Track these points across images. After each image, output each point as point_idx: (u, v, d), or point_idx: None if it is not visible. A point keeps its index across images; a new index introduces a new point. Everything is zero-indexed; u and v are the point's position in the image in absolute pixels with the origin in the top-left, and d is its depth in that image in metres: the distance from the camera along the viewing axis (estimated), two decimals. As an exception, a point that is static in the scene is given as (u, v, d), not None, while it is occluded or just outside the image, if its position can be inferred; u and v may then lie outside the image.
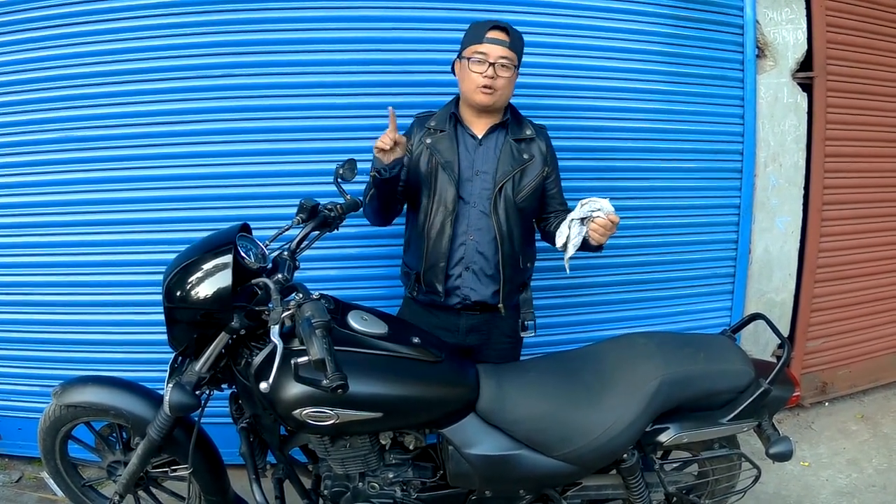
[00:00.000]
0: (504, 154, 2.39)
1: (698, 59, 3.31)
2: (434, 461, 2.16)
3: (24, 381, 3.17)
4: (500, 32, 2.31)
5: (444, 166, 2.35)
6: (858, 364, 4.00)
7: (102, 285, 3.03)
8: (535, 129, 2.46)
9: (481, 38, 2.29)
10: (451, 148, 2.38)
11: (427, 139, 2.40)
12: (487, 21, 2.34)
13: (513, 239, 2.39)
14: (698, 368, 2.09)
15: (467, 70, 2.32)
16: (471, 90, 2.32)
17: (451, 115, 2.42)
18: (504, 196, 2.36)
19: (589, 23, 3.13)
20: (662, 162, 3.34)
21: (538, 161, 2.42)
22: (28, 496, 3.03)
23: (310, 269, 2.50)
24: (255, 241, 2.02)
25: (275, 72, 2.91)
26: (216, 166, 2.95)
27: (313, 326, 1.62)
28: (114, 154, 2.92)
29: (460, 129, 2.42)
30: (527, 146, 2.42)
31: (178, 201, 2.96)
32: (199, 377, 1.95)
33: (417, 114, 2.53)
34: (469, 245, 2.38)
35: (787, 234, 3.61)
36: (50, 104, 2.90)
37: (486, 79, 2.27)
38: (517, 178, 2.39)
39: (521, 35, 2.37)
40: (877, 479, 3.24)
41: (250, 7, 2.86)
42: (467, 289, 2.41)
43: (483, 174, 2.38)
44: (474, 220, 2.37)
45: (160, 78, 2.88)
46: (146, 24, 2.84)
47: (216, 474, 2.28)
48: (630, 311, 3.47)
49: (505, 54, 2.28)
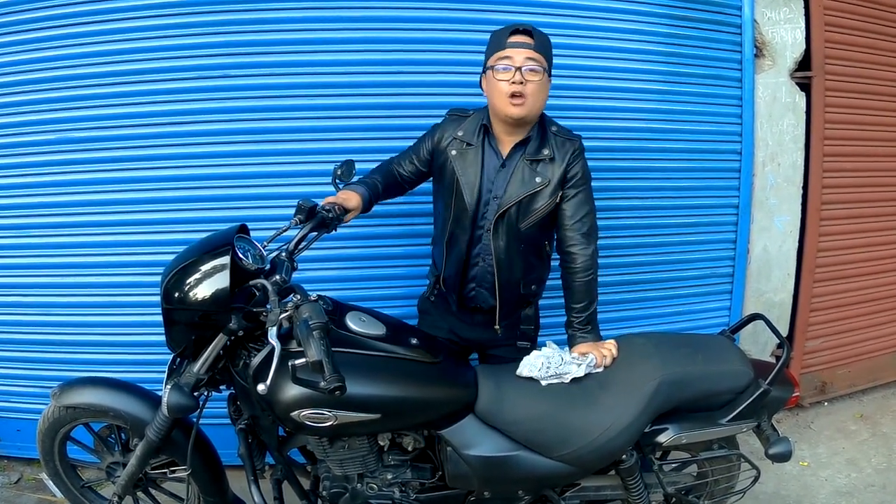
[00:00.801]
0: (515, 176, 2.25)
1: (696, 59, 3.31)
2: (433, 462, 2.15)
3: (22, 382, 3.16)
4: (523, 35, 2.16)
5: (465, 185, 2.26)
6: (857, 364, 4.00)
7: (101, 286, 3.02)
8: (557, 149, 2.25)
9: (503, 45, 2.15)
10: (475, 169, 2.26)
11: (452, 150, 2.29)
12: (508, 26, 2.20)
13: (512, 266, 2.33)
14: (697, 369, 2.09)
15: (493, 81, 2.16)
16: (501, 103, 2.16)
17: (481, 126, 2.29)
18: (507, 222, 2.26)
19: (585, 22, 3.12)
20: (660, 162, 3.33)
21: (551, 187, 2.24)
22: (27, 497, 3.02)
23: (308, 270, 2.50)
24: (253, 242, 2.02)
25: (275, 73, 2.90)
26: (214, 167, 2.94)
27: (311, 328, 1.62)
28: (112, 155, 2.91)
29: (488, 146, 2.29)
30: (543, 168, 2.24)
31: (177, 202, 2.96)
32: (198, 378, 1.95)
33: (450, 110, 2.42)
34: (481, 266, 2.35)
35: (786, 233, 3.61)
36: (50, 105, 2.89)
37: (513, 85, 2.11)
38: (524, 204, 2.24)
39: (546, 37, 2.22)
40: (876, 479, 3.24)
41: (250, 8, 2.85)
42: (482, 301, 2.40)
43: (496, 198, 2.28)
44: (486, 244, 2.32)
45: (160, 79, 2.87)
46: (146, 25, 2.83)
47: (215, 475, 2.28)
48: (628, 312, 3.46)
49: (531, 55, 2.13)
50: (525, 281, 2.40)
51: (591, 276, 2.26)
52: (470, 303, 2.42)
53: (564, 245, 2.28)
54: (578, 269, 2.25)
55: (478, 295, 2.39)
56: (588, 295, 2.26)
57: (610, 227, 3.27)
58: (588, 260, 2.24)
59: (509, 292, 2.37)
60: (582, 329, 2.25)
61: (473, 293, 2.40)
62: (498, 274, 2.31)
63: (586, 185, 2.29)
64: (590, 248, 2.26)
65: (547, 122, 2.32)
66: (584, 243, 2.25)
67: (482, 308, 2.41)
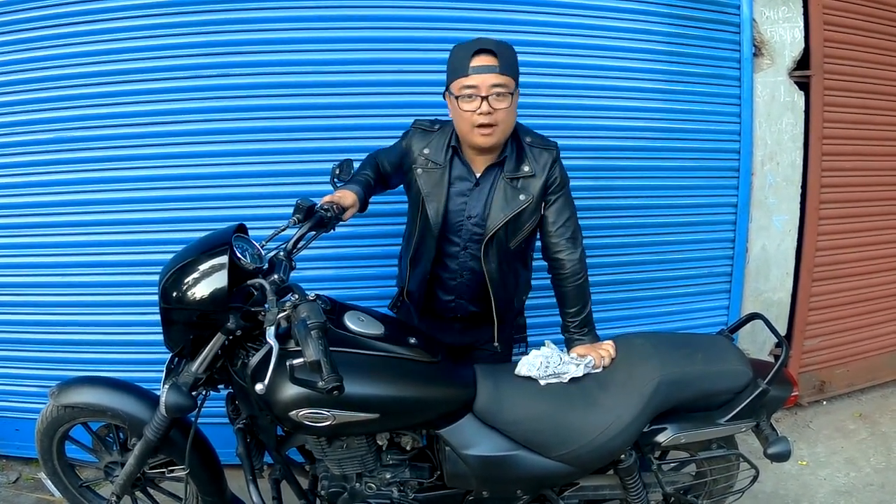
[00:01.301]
0: (497, 196, 2.19)
1: (695, 58, 3.31)
2: (431, 462, 2.15)
3: (21, 381, 3.16)
4: (486, 56, 2.03)
5: (430, 206, 2.22)
6: (856, 363, 4.00)
7: (99, 286, 3.02)
8: (536, 161, 2.19)
9: (466, 69, 2.02)
10: (442, 190, 2.21)
11: (419, 168, 2.23)
12: (469, 44, 2.07)
13: (506, 284, 2.32)
14: (696, 369, 2.09)
15: (458, 109, 2.07)
16: (467, 131, 2.09)
17: (450, 147, 2.22)
18: (496, 244, 2.22)
19: (585, 22, 3.12)
20: (659, 161, 3.33)
21: (536, 202, 2.19)
22: (26, 497, 3.02)
23: (306, 269, 2.50)
24: (251, 241, 2.01)
25: (270, 71, 2.90)
26: (212, 166, 2.94)
27: (309, 328, 1.62)
28: (109, 154, 2.92)
29: (457, 165, 2.23)
30: (524, 184, 2.19)
31: (175, 201, 2.96)
32: (196, 378, 1.94)
33: (416, 122, 2.35)
34: (461, 282, 2.34)
35: (785, 232, 3.61)
36: (45, 104, 2.89)
37: (481, 116, 2.03)
38: (511, 223, 2.20)
39: (512, 51, 2.10)
40: (875, 478, 3.24)
41: (244, 7, 2.85)
42: (461, 310, 2.40)
43: (474, 218, 2.23)
44: (466, 262, 2.29)
45: (155, 78, 2.87)
46: (141, 25, 2.84)
47: (213, 475, 2.28)
48: (627, 311, 3.46)
49: (497, 81, 2.02)
50: (518, 294, 2.42)
51: (581, 279, 2.23)
52: (449, 313, 2.41)
53: (551, 252, 2.25)
54: (568, 274, 2.22)
55: (458, 306, 2.39)
56: (581, 298, 2.24)
57: (608, 227, 3.30)
58: (577, 264, 2.22)
59: (506, 309, 2.37)
60: (578, 332, 2.24)
61: (453, 304, 2.39)
62: (494, 294, 2.30)
63: (565, 189, 2.26)
64: (577, 251, 2.23)
65: (521, 133, 2.25)
66: (570, 248, 2.22)
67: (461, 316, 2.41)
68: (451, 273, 2.33)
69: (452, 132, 2.23)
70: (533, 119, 2.53)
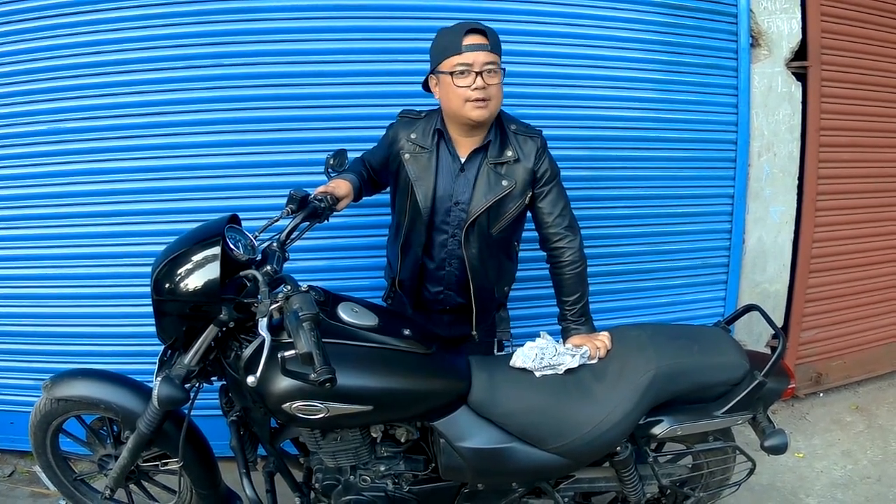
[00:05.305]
0: (480, 181, 2.22)
1: (691, 48, 3.29)
2: (426, 454, 2.14)
3: (14, 374, 3.15)
4: (478, 36, 2.10)
5: (419, 191, 2.24)
6: (853, 355, 4.00)
7: (91, 277, 3.01)
8: (520, 148, 2.23)
9: (459, 48, 2.08)
10: (430, 174, 2.24)
11: (406, 154, 2.26)
12: (459, 26, 2.12)
13: (486, 272, 2.33)
14: (692, 361, 2.08)
15: (451, 87, 2.10)
16: (461, 107, 2.11)
17: (436, 131, 2.26)
18: (477, 229, 2.24)
19: (581, 11, 3.10)
20: (655, 151, 3.32)
21: (519, 188, 2.22)
22: (20, 490, 3.02)
23: (299, 259, 2.49)
24: (244, 232, 2.00)
25: (264, 61, 2.88)
26: (205, 157, 2.93)
27: (300, 319, 1.61)
28: (102, 145, 2.90)
29: (443, 151, 2.26)
30: (508, 170, 2.22)
31: (167, 192, 2.94)
32: (189, 370, 1.93)
33: (401, 112, 2.37)
34: (449, 271, 2.35)
35: (782, 224, 3.60)
36: (46, 95, 2.88)
37: (477, 91, 2.07)
38: (494, 209, 2.22)
39: (494, 31, 2.16)
40: (871, 471, 3.24)
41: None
42: (449, 302, 2.40)
43: (461, 204, 2.25)
44: (454, 250, 2.30)
45: (151, 69, 2.85)
46: (139, 14, 2.82)
47: (207, 467, 2.27)
48: (622, 302, 3.46)
49: (489, 59, 2.08)
50: (499, 284, 2.42)
51: (580, 267, 2.25)
52: (437, 305, 2.42)
53: (550, 242, 2.27)
54: (567, 262, 2.24)
55: (446, 297, 2.40)
56: (580, 287, 2.26)
57: (604, 217, 3.29)
58: (576, 252, 2.24)
59: (484, 297, 2.38)
60: (576, 321, 2.24)
61: (442, 296, 2.40)
62: (473, 280, 2.31)
63: (557, 179, 2.28)
64: (576, 239, 2.25)
65: (505, 120, 2.28)
66: (570, 236, 2.25)
67: (449, 308, 2.42)
68: (439, 263, 2.34)
69: (438, 117, 2.27)
70: (526, 109, 2.53)
